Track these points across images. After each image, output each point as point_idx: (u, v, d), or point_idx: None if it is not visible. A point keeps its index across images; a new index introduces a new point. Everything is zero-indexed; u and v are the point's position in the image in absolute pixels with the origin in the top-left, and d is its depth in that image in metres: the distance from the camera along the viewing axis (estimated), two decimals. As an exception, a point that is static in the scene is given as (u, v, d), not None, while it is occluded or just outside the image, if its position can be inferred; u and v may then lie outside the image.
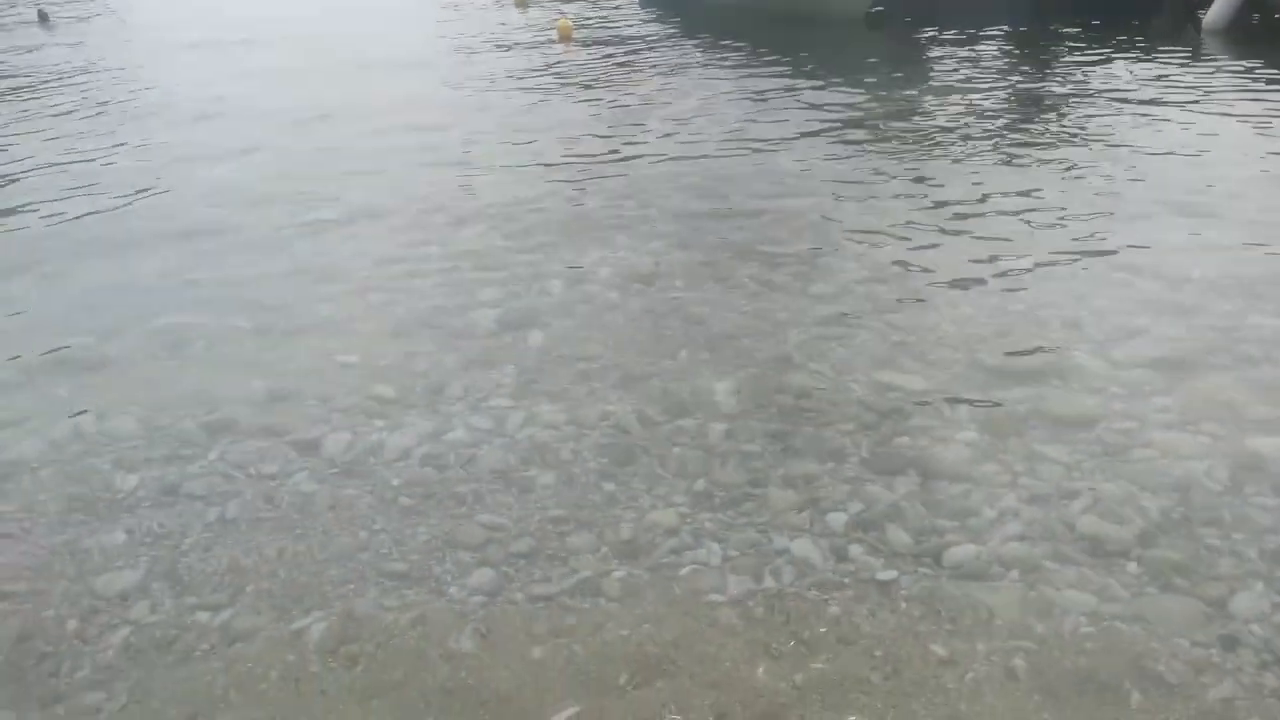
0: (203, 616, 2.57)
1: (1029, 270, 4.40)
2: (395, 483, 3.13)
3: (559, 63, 10.81)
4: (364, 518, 2.95)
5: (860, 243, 4.89)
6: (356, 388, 3.73)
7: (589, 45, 11.89)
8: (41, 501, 3.12)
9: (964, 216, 5.17)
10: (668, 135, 7.22)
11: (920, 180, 5.80)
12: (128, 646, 2.48)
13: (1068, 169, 5.82)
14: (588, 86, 9.35)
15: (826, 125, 7.19)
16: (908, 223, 5.11)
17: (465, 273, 4.80)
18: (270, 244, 5.42)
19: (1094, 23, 10.16)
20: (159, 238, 5.60)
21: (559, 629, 2.46)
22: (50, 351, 4.17)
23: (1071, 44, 9.53)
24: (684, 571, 2.64)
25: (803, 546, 2.71)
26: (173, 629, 2.53)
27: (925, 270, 4.51)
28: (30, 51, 14.63)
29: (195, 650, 2.46)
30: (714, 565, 2.66)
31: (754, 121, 7.45)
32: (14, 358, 4.13)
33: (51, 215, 6.15)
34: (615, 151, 6.89)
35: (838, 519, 2.81)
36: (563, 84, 9.53)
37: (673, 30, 12.64)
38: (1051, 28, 10.23)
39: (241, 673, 2.37)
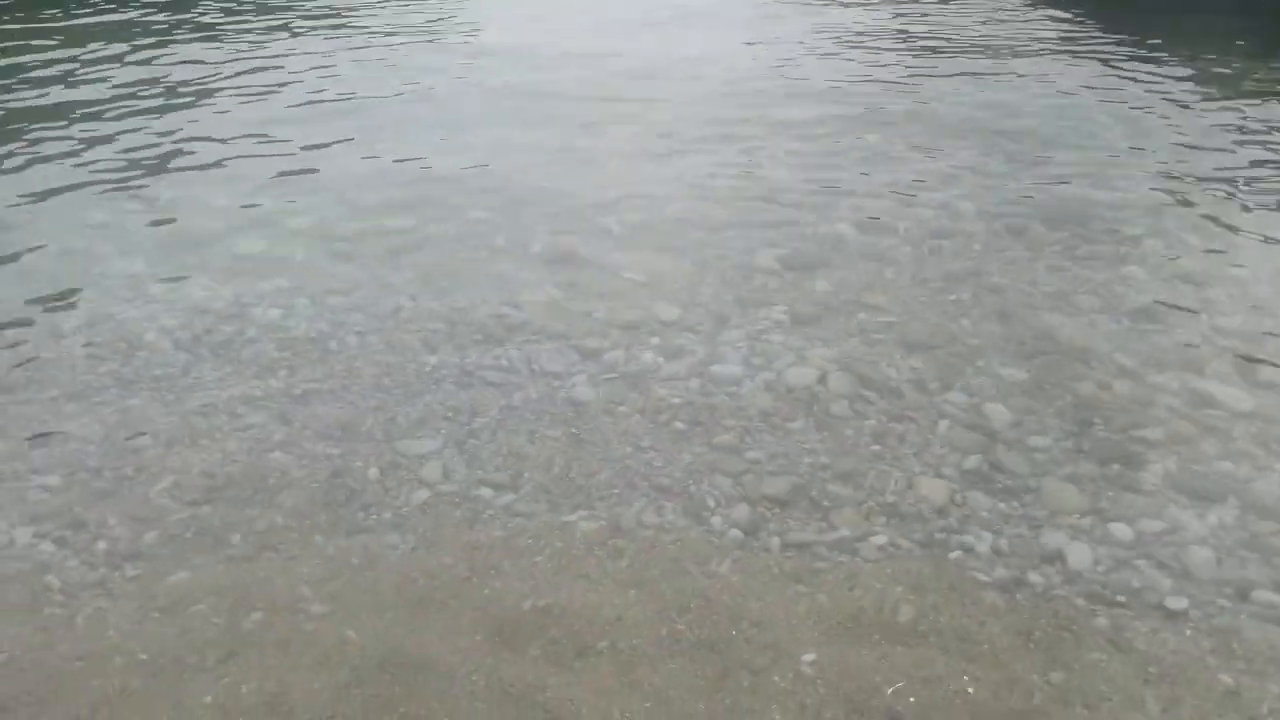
0: (486, 492, 2.81)
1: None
2: (666, 402, 3.24)
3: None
4: (634, 432, 3.09)
5: (1192, 224, 4.43)
6: (642, 304, 3.87)
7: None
8: (358, 367, 3.50)
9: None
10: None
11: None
12: (422, 502, 2.77)
13: None
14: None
15: (1166, 89, 6.51)
16: (1252, 207, 4.58)
17: (759, 209, 4.80)
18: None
19: None
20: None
21: (812, 573, 2.48)
22: (374, 231, 4.60)
23: None
24: (948, 542, 2.58)
25: (1080, 552, 2.55)
26: (459, 497, 2.79)
27: (1266, 266, 4.03)
28: None
29: (478, 518, 2.70)
30: (981, 550, 2.56)
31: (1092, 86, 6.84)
32: (344, 238, 4.60)
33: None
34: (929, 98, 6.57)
35: (1123, 531, 2.62)
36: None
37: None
38: None
39: (516, 547, 2.58)
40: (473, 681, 2.16)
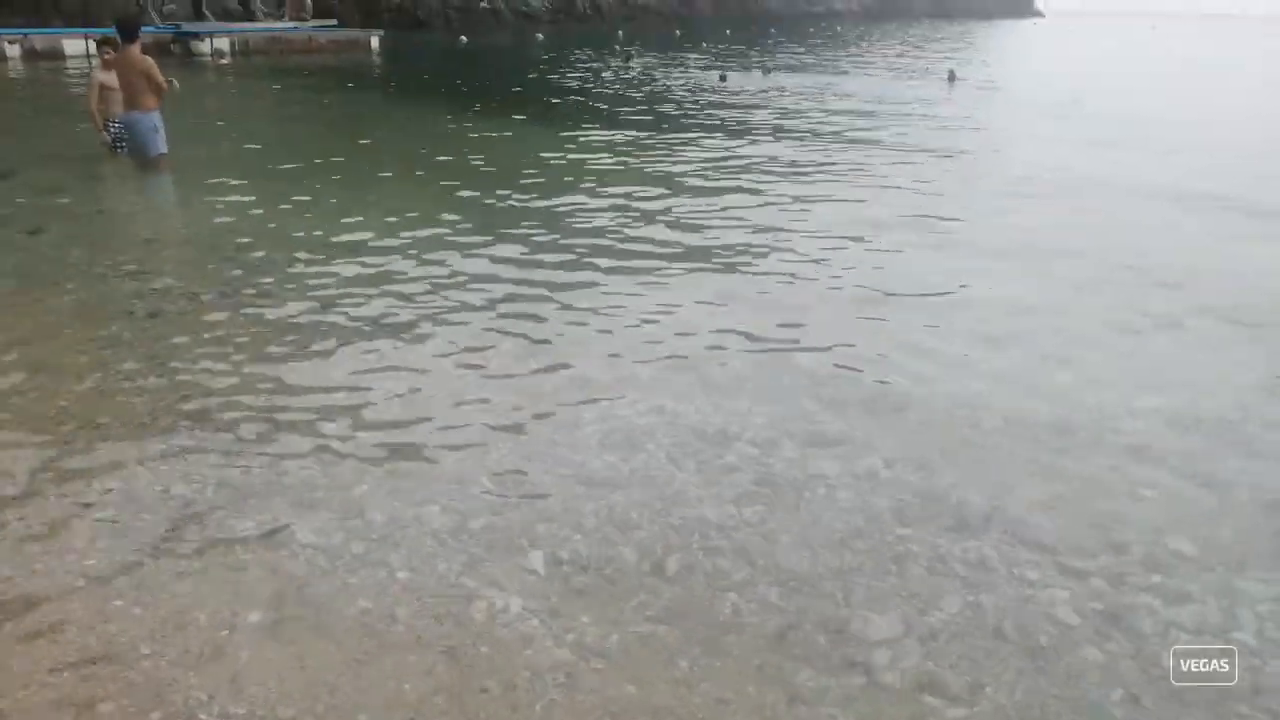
0: (935, 702, 2.60)
1: None
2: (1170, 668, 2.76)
3: None
4: (1126, 682, 2.67)
5: None
6: (1153, 532, 3.40)
7: None
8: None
9: None
10: None
11: None
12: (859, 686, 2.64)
13: None
14: None
15: None
16: None
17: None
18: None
19: None
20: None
21: None
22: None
23: None
24: None
25: None
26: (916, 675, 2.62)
27: None
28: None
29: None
30: None
31: None
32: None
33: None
34: None
35: None
36: None
37: None
38: None
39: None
40: None
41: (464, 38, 36.53)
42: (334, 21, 32.99)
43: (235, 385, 4.50)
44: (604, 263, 6.60)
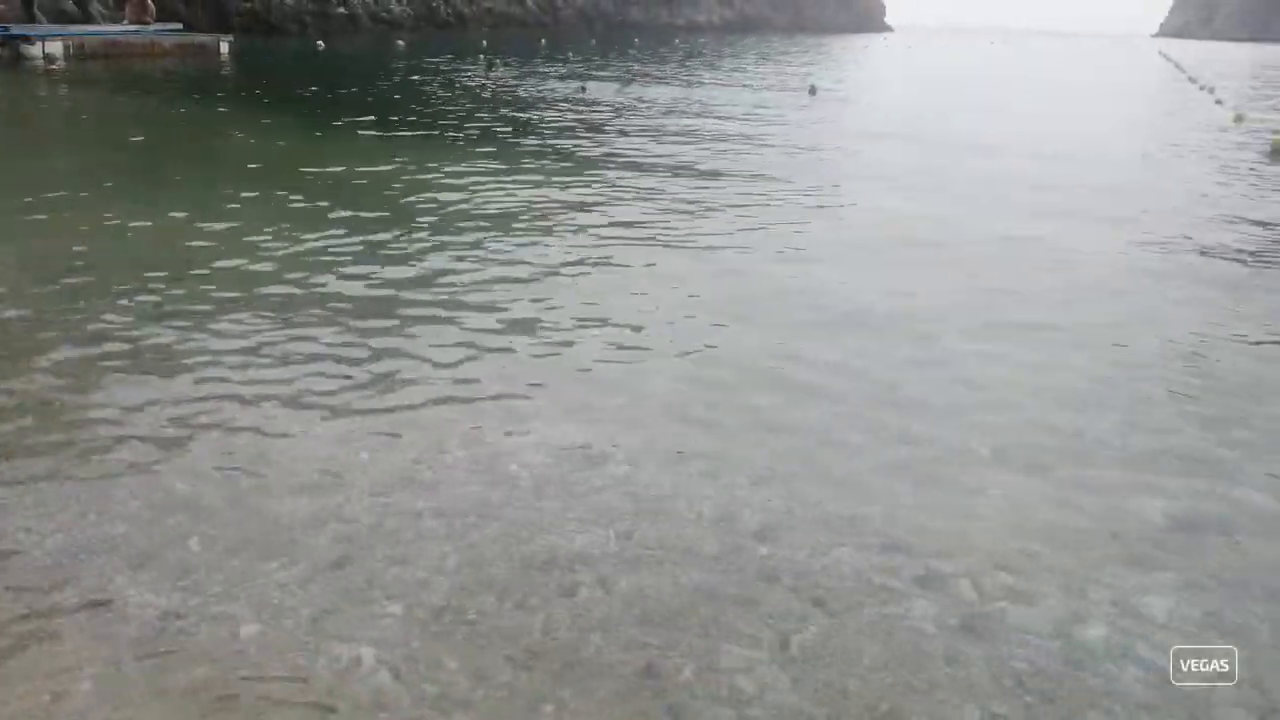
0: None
1: None
2: (1016, 665, 2.86)
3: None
4: (977, 688, 2.74)
5: None
6: (1003, 537, 3.53)
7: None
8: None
9: None
10: None
11: None
12: (732, 723, 2.62)
13: None
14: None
15: None
16: None
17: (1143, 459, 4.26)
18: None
19: None
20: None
21: None
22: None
23: None
24: None
25: None
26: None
27: None
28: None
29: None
30: None
31: None
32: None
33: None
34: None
35: None
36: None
37: None
38: None
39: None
40: None
41: (320, 43, 35.36)
42: (179, 25, 31.21)
43: (49, 420, 4.16)
44: (447, 292, 6.43)
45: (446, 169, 10.89)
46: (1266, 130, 17.02)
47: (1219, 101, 24.16)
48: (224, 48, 29.24)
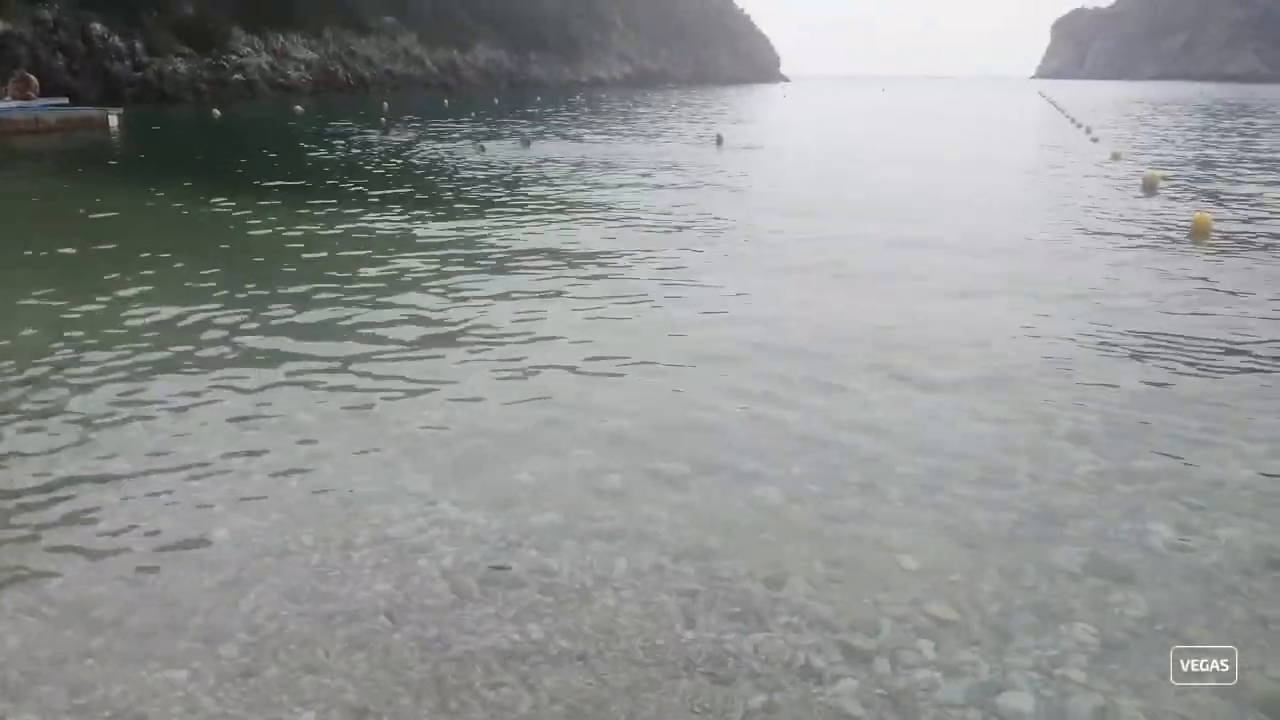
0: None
1: None
2: (939, 733, 2.85)
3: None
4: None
5: None
6: (913, 599, 3.54)
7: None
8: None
9: None
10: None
11: None
12: None
13: None
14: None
15: None
16: None
17: (1057, 495, 4.37)
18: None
19: None
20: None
21: None
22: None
23: None
24: None
25: None
26: None
27: None
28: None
29: None
30: None
31: None
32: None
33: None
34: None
35: None
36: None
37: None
38: None
39: None
40: None
41: (216, 111, 34.70)
42: (65, 100, 30.17)
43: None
44: (356, 360, 6.28)
45: (326, 233, 10.88)
46: (1143, 166, 18.05)
47: (1095, 139, 25.56)
48: (113, 121, 28.37)
